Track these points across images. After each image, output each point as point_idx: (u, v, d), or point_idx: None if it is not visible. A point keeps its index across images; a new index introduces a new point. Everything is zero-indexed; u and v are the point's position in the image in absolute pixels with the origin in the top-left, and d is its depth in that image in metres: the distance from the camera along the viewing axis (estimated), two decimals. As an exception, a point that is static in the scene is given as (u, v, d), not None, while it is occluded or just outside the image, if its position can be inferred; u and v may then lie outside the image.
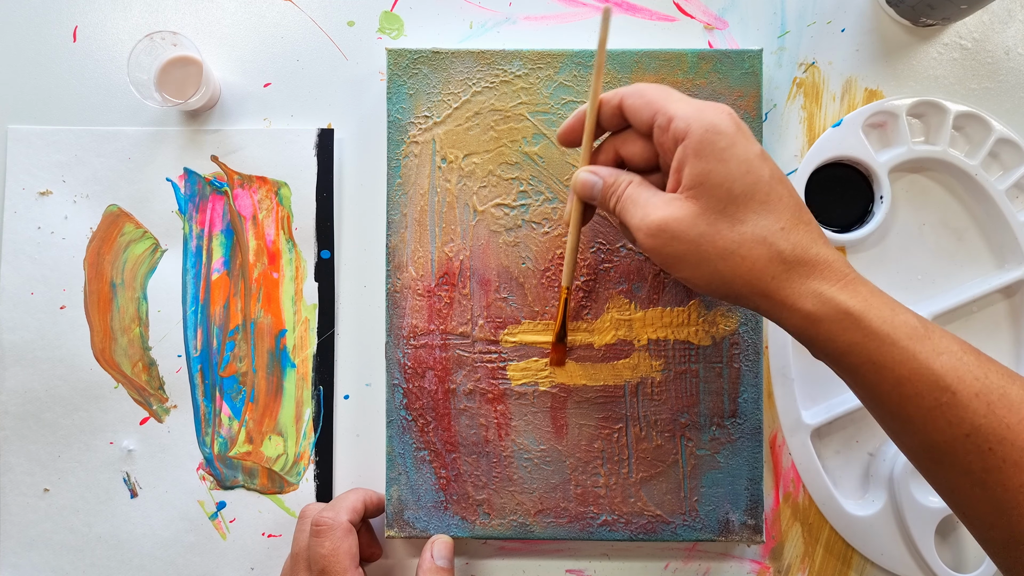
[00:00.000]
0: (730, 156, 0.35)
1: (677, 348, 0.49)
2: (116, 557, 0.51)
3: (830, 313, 0.34)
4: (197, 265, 0.52)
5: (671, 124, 0.36)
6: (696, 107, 0.36)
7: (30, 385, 0.51)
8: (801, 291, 0.35)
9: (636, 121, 0.38)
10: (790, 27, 0.53)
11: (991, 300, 0.52)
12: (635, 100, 0.38)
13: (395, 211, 0.50)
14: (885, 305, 0.35)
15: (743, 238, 0.35)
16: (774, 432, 0.51)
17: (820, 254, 0.35)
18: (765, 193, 0.35)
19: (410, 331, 0.49)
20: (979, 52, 0.53)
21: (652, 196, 0.37)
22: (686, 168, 0.35)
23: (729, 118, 0.36)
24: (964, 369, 0.33)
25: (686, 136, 0.35)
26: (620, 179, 0.39)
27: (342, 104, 0.53)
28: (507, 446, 0.49)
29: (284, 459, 0.51)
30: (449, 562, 0.46)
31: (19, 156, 0.52)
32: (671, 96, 0.37)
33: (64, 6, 0.53)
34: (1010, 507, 0.32)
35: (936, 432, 0.33)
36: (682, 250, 0.36)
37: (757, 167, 0.35)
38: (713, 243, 0.35)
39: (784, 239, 0.35)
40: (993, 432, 0.32)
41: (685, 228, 0.35)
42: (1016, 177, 0.51)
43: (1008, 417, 0.32)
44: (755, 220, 0.35)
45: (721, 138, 0.35)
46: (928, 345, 0.34)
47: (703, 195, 0.35)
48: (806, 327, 0.35)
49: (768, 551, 0.51)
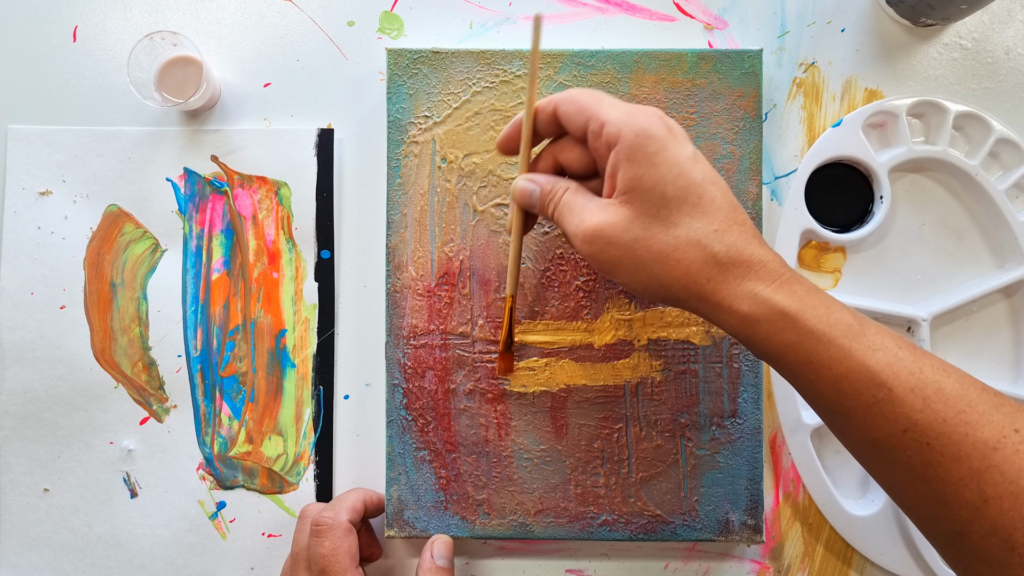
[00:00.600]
0: (661, 160, 0.35)
1: (677, 348, 0.49)
2: (116, 557, 0.51)
3: (766, 314, 0.34)
4: (197, 265, 0.52)
5: (603, 130, 0.36)
6: (627, 111, 0.36)
7: (30, 385, 0.51)
8: (737, 292, 0.35)
9: (571, 127, 0.38)
10: (790, 27, 0.53)
11: (991, 300, 0.52)
12: (568, 107, 0.38)
13: (395, 211, 0.50)
14: (821, 304, 0.35)
15: (677, 241, 0.35)
16: (774, 432, 0.51)
17: (755, 254, 0.35)
18: (697, 196, 0.35)
19: (410, 331, 0.49)
20: (979, 52, 0.53)
21: (588, 202, 0.37)
22: (619, 173, 0.36)
23: (660, 121, 0.36)
24: (899, 365, 0.33)
25: (618, 141, 0.35)
26: (557, 186, 0.39)
27: (342, 104, 0.53)
28: (507, 446, 0.49)
29: (284, 459, 0.51)
30: (449, 562, 0.47)
31: (19, 156, 0.52)
32: (603, 101, 0.37)
33: (64, 6, 0.53)
34: (950, 500, 0.32)
35: (875, 429, 0.33)
36: (618, 255, 0.36)
37: (688, 170, 0.35)
38: (648, 247, 0.35)
39: (718, 241, 0.35)
40: (930, 427, 0.32)
41: (619, 233, 0.36)
42: (1016, 177, 0.51)
43: (944, 411, 0.32)
44: (688, 223, 0.35)
45: (652, 142, 0.35)
46: (863, 342, 0.34)
47: (636, 199, 0.35)
48: (743, 328, 0.35)
49: (768, 551, 0.51)
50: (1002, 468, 0.31)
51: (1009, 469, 0.31)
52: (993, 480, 0.31)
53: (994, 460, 0.32)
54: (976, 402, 0.33)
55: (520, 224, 0.43)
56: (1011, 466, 0.31)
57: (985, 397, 0.33)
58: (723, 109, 0.49)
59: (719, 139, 0.49)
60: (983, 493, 0.31)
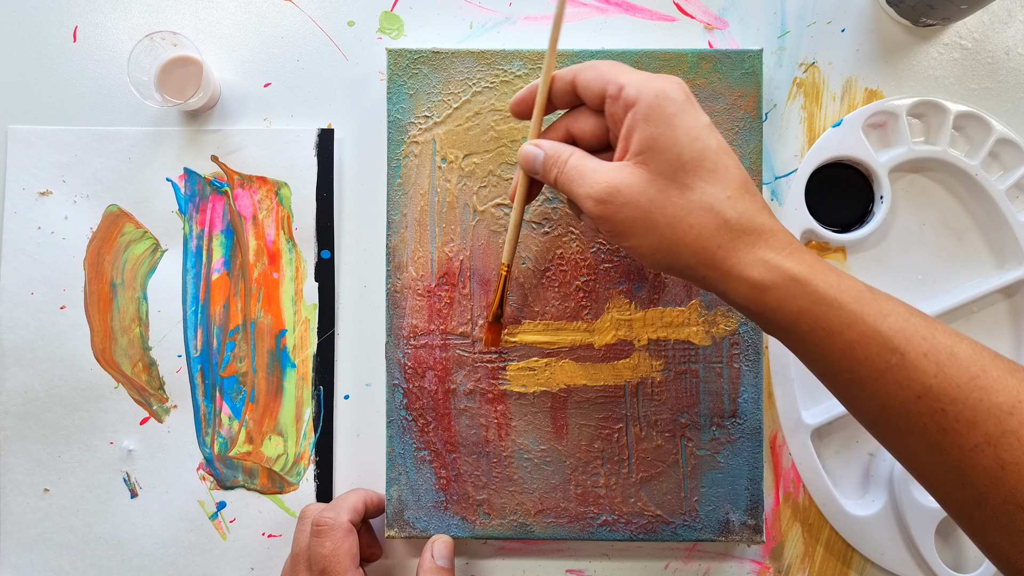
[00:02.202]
0: (679, 122, 0.35)
1: (677, 348, 0.49)
2: (116, 557, 0.51)
3: (777, 280, 0.34)
4: (197, 265, 0.52)
5: (622, 92, 0.36)
6: (646, 76, 0.36)
7: (30, 385, 0.51)
8: (748, 259, 0.34)
9: (588, 95, 0.38)
10: (790, 27, 0.53)
11: (991, 300, 0.52)
12: (588, 74, 0.38)
13: (395, 211, 0.50)
14: (831, 271, 0.35)
15: (691, 205, 0.35)
16: (774, 432, 0.51)
17: (765, 223, 0.35)
18: (713, 161, 0.35)
19: (410, 331, 0.49)
20: (979, 52, 0.53)
21: (599, 165, 0.37)
22: (635, 133, 0.35)
23: (679, 87, 0.36)
24: (912, 330, 0.33)
25: (636, 102, 0.35)
26: (562, 151, 0.39)
27: (342, 104, 0.53)
28: (507, 446, 0.49)
29: (284, 459, 0.51)
30: (449, 562, 0.47)
31: (19, 156, 0.52)
32: (623, 68, 0.37)
33: (64, 6, 0.53)
34: (967, 467, 0.32)
35: (888, 396, 0.33)
36: (632, 216, 0.35)
37: (705, 135, 0.35)
38: (663, 210, 0.35)
39: (731, 207, 0.35)
40: (944, 392, 0.32)
41: (636, 194, 0.35)
42: (1016, 177, 0.51)
43: (958, 376, 0.32)
44: (703, 188, 0.35)
45: (671, 103, 0.35)
46: (875, 307, 0.33)
47: (652, 160, 0.35)
48: (754, 296, 0.35)
49: (768, 551, 0.51)
50: (1019, 433, 0.31)
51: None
52: (1010, 445, 0.31)
53: (1010, 425, 0.31)
54: (989, 367, 0.32)
55: (524, 191, 0.42)
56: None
57: (998, 363, 0.33)
58: (723, 109, 0.49)
59: (719, 139, 0.49)
60: (1000, 459, 0.31)
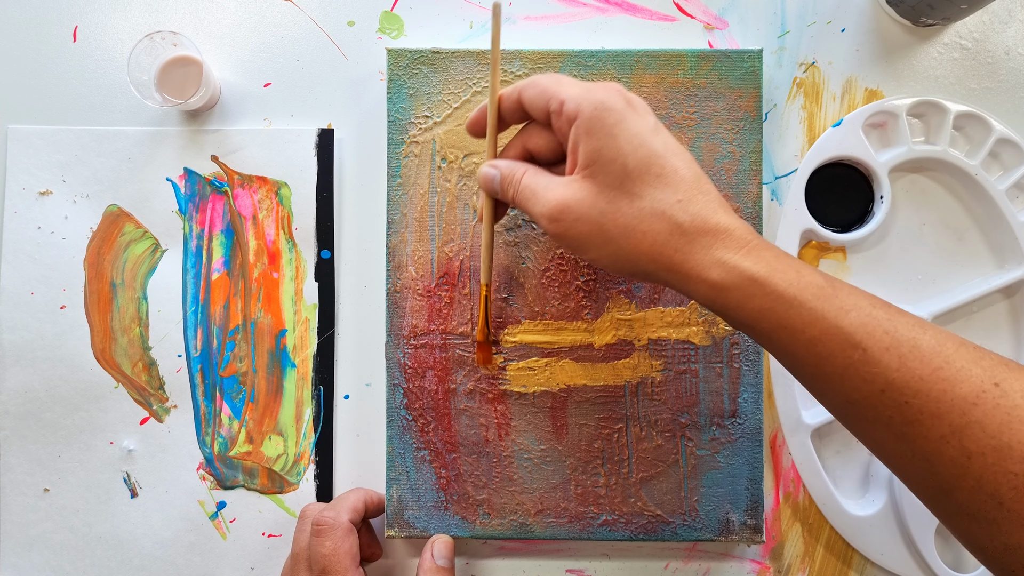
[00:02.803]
0: (620, 131, 0.35)
1: (677, 348, 0.49)
2: (116, 557, 0.51)
3: (736, 281, 0.34)
4: (197, 265, 0.52)
5: (563, 107, 0.36)
6: (585, 88, 0.36)
7: (30, 385, 0.51)
8: (705, 261, 0.35)
9: (534, 111, 0.39)
10: (790, 27, 0.53)
11: (991, 300, 0.52)
12: (531, 91, 0.38)
13: (395, 211, 0.50)
14: (791, 268, 0.34)
15: (642, 213, 0.35)
16: (774, 432, 0.51)
17: (721, 223, 0.35)
18: (660, 167, 0.35)
19: (410, 331, 0.49)
20: (979, 52, 0.53)
21: (550, 181, 0.37)
22: (580, 147, 0.36)
23: (618, 94, 0.36)
24: (873, 324, 0.33)
25: (577, 116, 0.35)
26: (516, 170, 0.39)
27: (342, 104, 0.53)
28: (507, 446, 0.49)
29: (284, 459, 0.51)
30: (449, 562, 0.47)
31: (19, 156, 0.52)
32: (562, 81, 0.37)
33: (64, 6, 0.53)
34: (933, 458, 0.32)
35: (853, 390, 0.33)
36: (586, 231, 0.36)
37: (649, 141, 0.35)
38: (615, 221, 0.35)
39: (682, 211, 0.35)
40: (907, 386, 0.32)
41: (587, 208, 0.35)
42: (1016, 177, 0.51)
43: (920, 369, 0.32)
44: (652, 194, 0.35)
45: (610, 114, 0.35)
46: (835, 303, 0.33)
47: (598, 173, 0.35)
48: (714, 297, 0.35)
49: (768, 551, 0.51)
50: (983, 423, 0.31)
51: (990, 424, 0.31)
52: (974, 435, 0.31)
53: (974, 416, 0.31)
54: (953, 358, 0.32)
55: (490, 212, 0.43)
56: (992, 421, 0.31)
57: (963, 352, 0.33)
58: (723, 109, 0.49)
59: (719, 139, 0.49)
60: (966, 449, 0.31)
